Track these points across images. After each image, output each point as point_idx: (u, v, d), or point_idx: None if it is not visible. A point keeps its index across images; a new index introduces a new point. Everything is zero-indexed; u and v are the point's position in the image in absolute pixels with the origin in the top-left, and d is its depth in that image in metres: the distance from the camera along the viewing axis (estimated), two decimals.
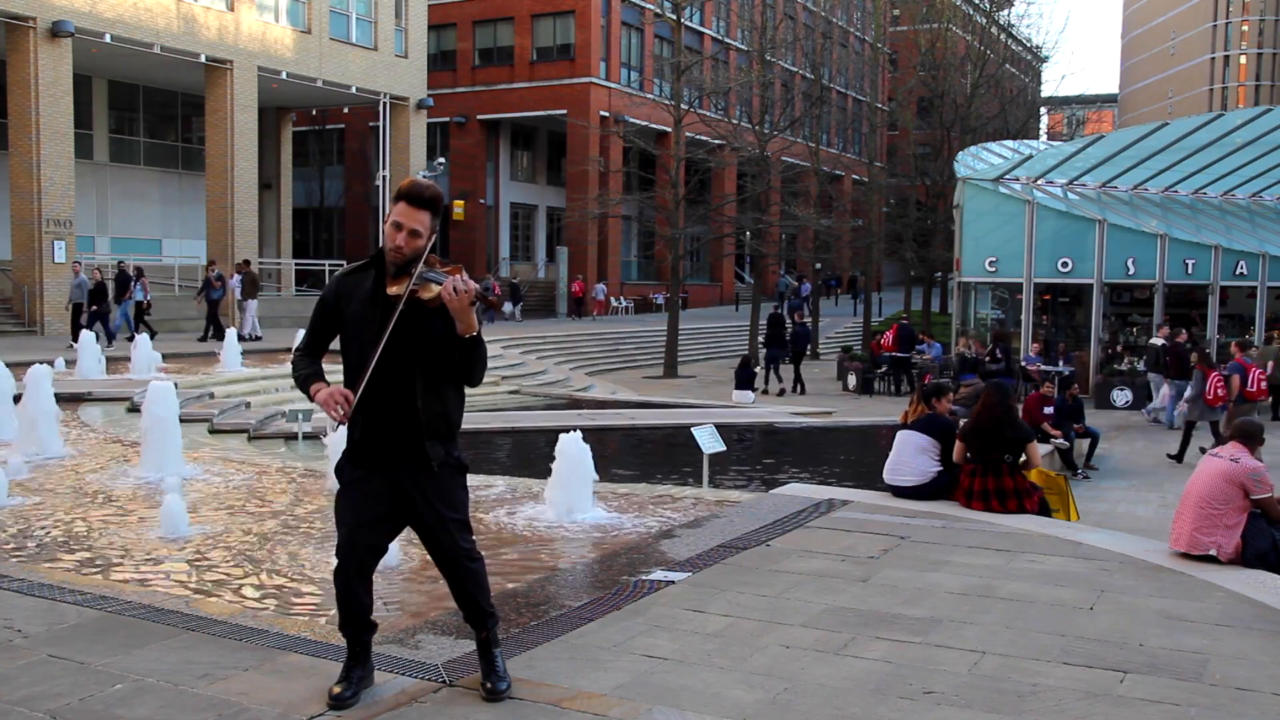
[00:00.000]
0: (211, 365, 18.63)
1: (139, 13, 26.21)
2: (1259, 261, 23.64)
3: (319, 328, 4.09)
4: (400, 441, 3.95)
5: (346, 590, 4.03)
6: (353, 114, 43.42)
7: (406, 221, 3.87)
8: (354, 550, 4.01)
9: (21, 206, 24.55)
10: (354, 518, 4.01)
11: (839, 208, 43.79)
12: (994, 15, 46.81)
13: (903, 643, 4.94)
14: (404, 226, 3.87)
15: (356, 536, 4.01)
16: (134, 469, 9.63)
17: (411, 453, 3.96)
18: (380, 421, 3.95)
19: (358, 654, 4.13)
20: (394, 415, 3.94)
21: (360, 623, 4.10)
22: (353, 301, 3.97)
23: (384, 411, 3.94)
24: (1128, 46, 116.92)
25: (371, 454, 3.99)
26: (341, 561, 4.04)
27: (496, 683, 4.10)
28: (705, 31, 46.78)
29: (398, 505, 4.02)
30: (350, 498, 4.03)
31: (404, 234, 3.86)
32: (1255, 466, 6.63)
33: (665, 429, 16.07)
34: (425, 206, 3.89)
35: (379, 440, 3.97)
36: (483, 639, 4.16)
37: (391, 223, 3.90)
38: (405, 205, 3.88)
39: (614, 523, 7.90)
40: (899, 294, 47.66)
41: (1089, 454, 14.78)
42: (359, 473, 4.02)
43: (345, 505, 4.05)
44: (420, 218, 3.88)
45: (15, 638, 4.72)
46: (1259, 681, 4.52)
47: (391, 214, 3.91)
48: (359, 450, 4.02)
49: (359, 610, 4.07)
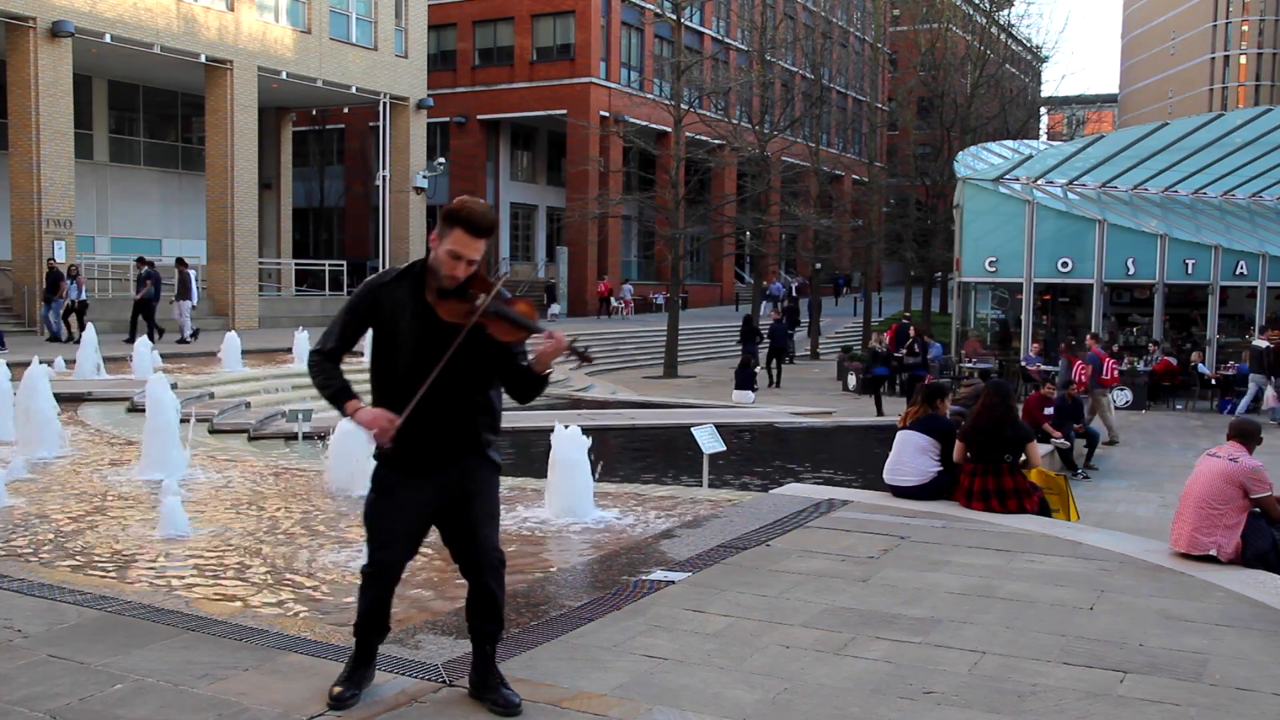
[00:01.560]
0: (211, 365, 18.63)
1: (139, 13, 26.21)
2: (1259, 261, 23.64)
3: (350, 333, 3.93)
4: (451, 448, 3.89)
5: (380, 597, 3.98)
6: (353, 114, 43.40)
7: (466, 253, 3.70)
8: (393, 558, 3.95)
9: (21, 206, 24.54)
10: (395, 526, 3.91)
11: (839, 208, 43.82)
12: (994, 15, 46.82)
13: (903, 643, 4.94)
14: (463, 258, 3.70)
15: (397, 545, 3.93)
16: (134, 469, 9.63)
17: (461, 450, 3.90)
18: (429, 434, 3.84)
19: (365, 656, 4.10)
20: (445, 428, 3.86)
21: (380, 627, 4.06)
22: (398, 316, 3.81)
23: (434, 425, 3.83)
24: (1128, 46, 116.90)
25: (421, 458, 3.88)
26: (378, 569, 3.95)
27: (511, 695, 4.01)
28: (705, 31, 46.77)
29: (436, 509, 3.93)
30: (392, 505, 3.91)
31: (462, 265, 3.71)
32: (1254, 466, 6.63)
33: (665, 429, 16.07)
34: (484, 235, 3.73)
35: (427, 450, 3.87)
36: (489, 652, 4.05)
37: (448, 251, 3.70)
38: (464, 234, 3.69)
39: (614, 523, 7.90)
40: (899, 294, 47.65)
41: (1089, 454, 14.78)
42: (400, 478, 3.90)
43: (386, 513, 3.92)
44: (479, 247, 3.72)
45: (15, 638, 4.72)
46: (1259, 681, 4.52)
47: (446, 241, 3.71)
48: (404, 456, 3.88)
49: (383, 616, 4.03)
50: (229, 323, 28.09)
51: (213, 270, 29.25)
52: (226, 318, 28.52)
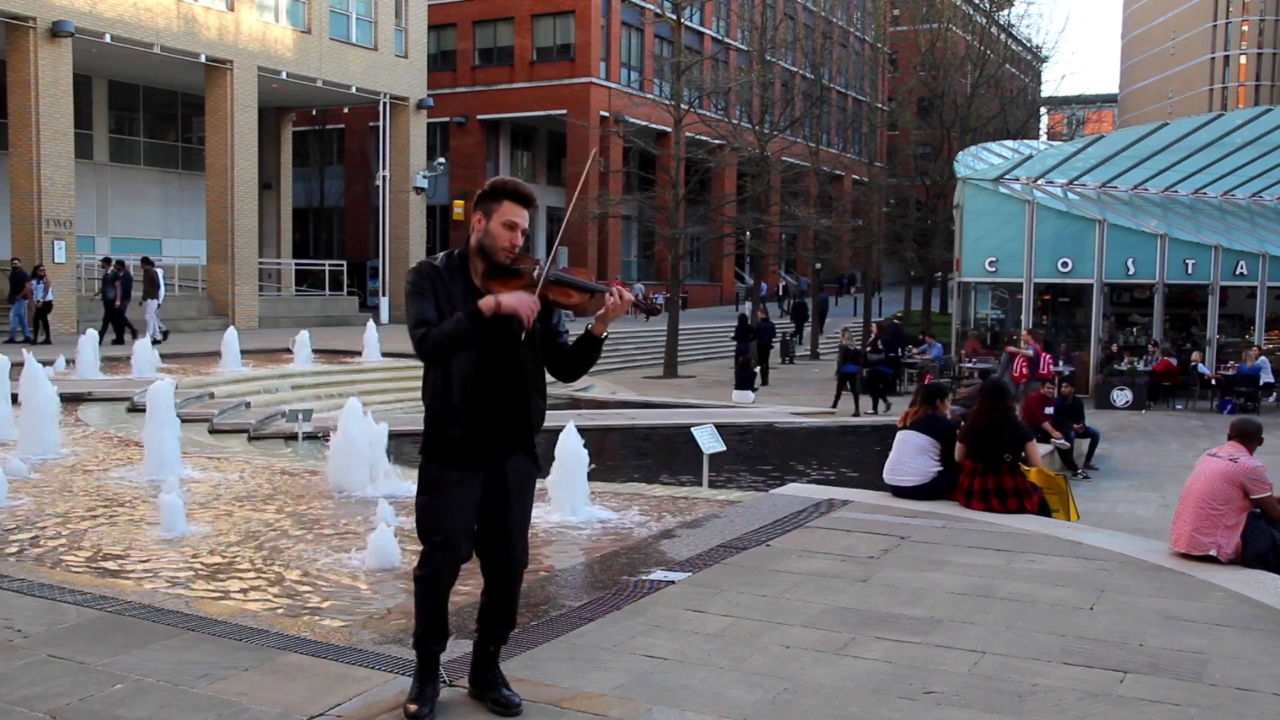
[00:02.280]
0: (211, 365, 18.63)
1: (139, 13, 26.20)
2: (1259, 261, 23.65)
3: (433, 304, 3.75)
4: (507, 438, 3.88)
5: (440, 602, 3.91)
6: (353, 114, 43.40)
7: (521, 221, 3.82)
8: (454, 560, 3.87)
9: (21, 206, 24.54)
10: (455, 525, 3.84)
11: (839, 208, 43.79)
12: (994, 15, 46.81)
13: (903, 643, 4.94)
14: (518, 226, 3.81)
15: (458, 545, 3.86)
16: (134, 469, 9.63)
17: (515, 448, 3.91)
18: (490, 420, 3.83)
19: (431, 668, 4.00)
20: (505, 412, 3.86)
21: (444, 632, 3.98)
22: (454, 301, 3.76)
23: (496, 409, 3.84)
24: (1128, 46, 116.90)
25: (477, 453, 3.84)
26: (436, 572, 3.87)
27: (512, 695, 4.01)
28: (705, 31, 46.76)
29: (491, 504, 3.89)
30: (450, 503, 3.83)
31: (518, 234, 3.81)
32: (1254, 466, 6.63)
33: (665, 429, 16.07)
34: (530, 205, 3.86)
35: (486, 438, 3.84)
36: (493, 653, 4.05)
37: (504, 222, 3.78)
38: (513, 204, 3.81)
39: (614, 523, 7.90)
40: (899, 294, 47.65)
41: (1089, 454, 14.78)
42: (459, 475, 3.83)
43: (444, 512, 3.84)
44: (527, 216, 3.85)
45: (15, 638, 4.72)
46: (1259, 681, 4.52)
47: (498, 213, 3.79)
48: (462, 451, 3.83)
49: (445, 620, 3.97)
50: (229, 323, 28.08)
51: (213, 270, 29.25)
52: (226, 318, 28.50)
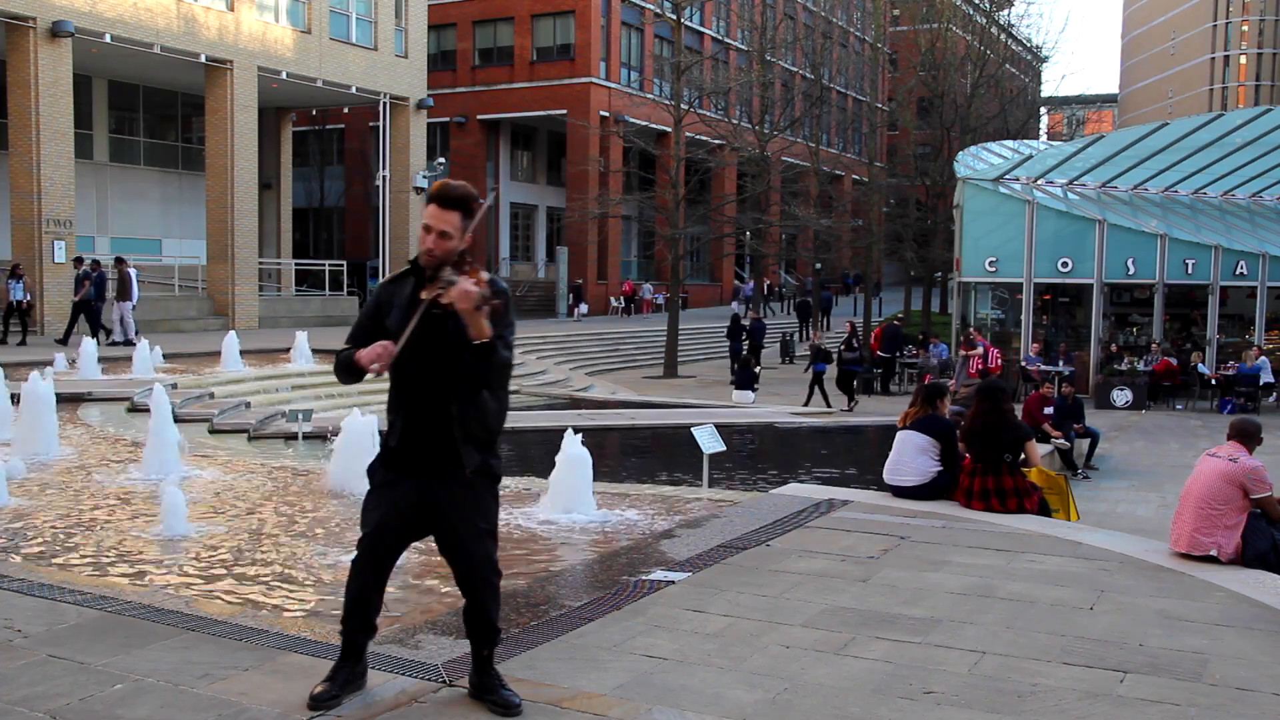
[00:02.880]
0: (212, 365, 18.63)
1: (139, 13, 26.20)
2: (1259, 261, 23.65)
3: (362, 333, 4.03)
4: (436, 448, 3.91)
5: (361, 590, 4.02)
6: (353, 114, 43.39)
7: (435, 223, 3.83)
8: (376, 552, 4.01)
9: (21, 206, 24.53)
10: (381, 519, 3.98)
11: (839, 208, 43.82)
12: (994, 15, 46.83)
13: (903, 643, 4.94)
14: (433, 229, 3.83)
15: (380, 539, 3.99)
16: (134, 469, 9.63)
17: (446, 459, 3.92)
18: (418, 427, 3.92)
19: (349, 654, 4.11)
20: (432, 421, 3.90)
21: (363, 623, 4.07)
22: (393, 310, 3.93)
23: (423, 417, 3.91)
24: (1128, 46, 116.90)
25: (406, 459, 3.96)
26: (361, 561, 4.02)
27: (510, 695, 4.04)
28: (705, 31, 46.76)
29: (425, 513, 3.97)
30: (380, 500, 4.01)
31: (433, 236, 3.82)
32: (1254, 466, 6.63)
33: (665, 429, 16.07)
34: (454, 207, 3.83)
35: (415, 446, 3.94)
36: (486, 656, 4.08)
37: (422, 225, 3.89)
38: (435, 208, 3.84)
39: (614, 523, 7.90)
40: (899, 294, 47.66)
41: (1089, 454, 14.78)
42: (391, 476, 3.99)
43: (374, 506, 4.02)
44: (449, 219, 3.82)
45: (15, 638, 4.72)
46: (1259, 681, 4.52)
47: (424, 216, 3.90)
48: (394, 455, 3.98)
49: (367, 611, 4.05)
50: (229, 323, 28.09)
51: (213, 270, 29.24)
52: (226, 317, 28.51)
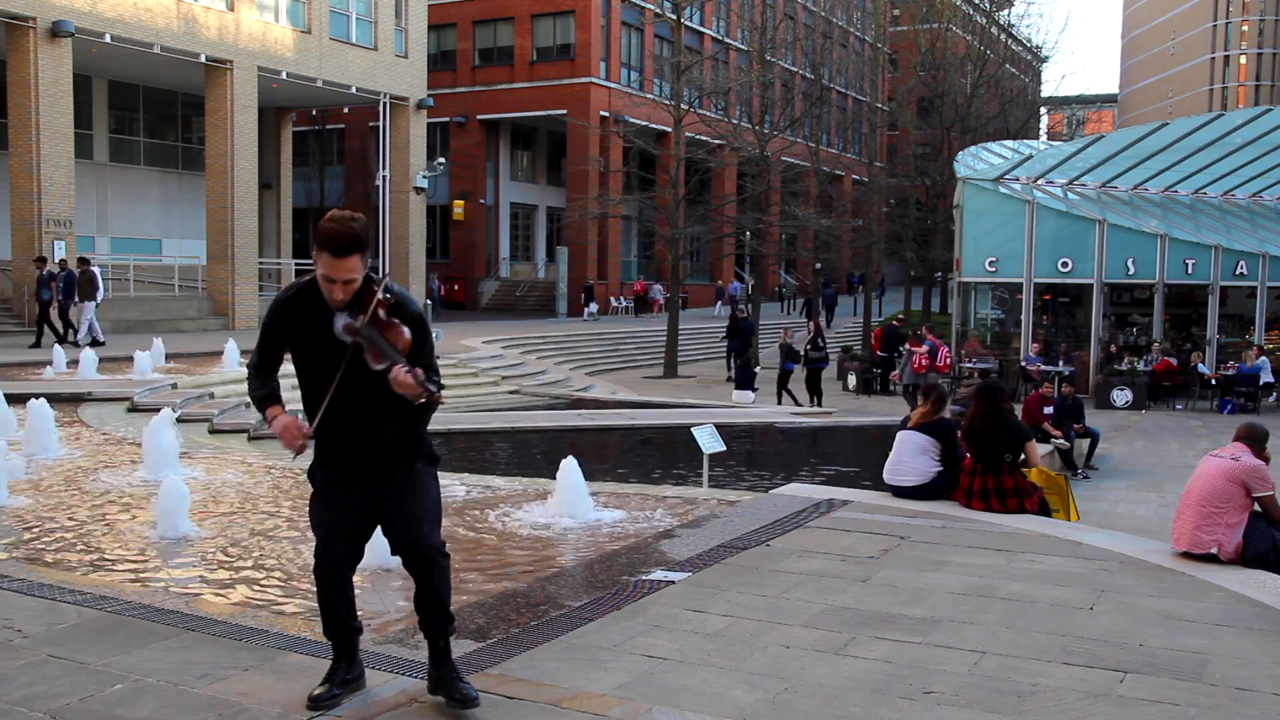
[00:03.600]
0: (212, 365, 18.63)
1: (139, 13, 26.20)
2: (1259, 261, 23.65)
3: (267, 348, 4.00)
4: (367, 454, 3.93)
5: (325, 595, 4.02)
6: (353, 114, 43.39)
7: (336, 275, 3.70)
8: (330, 555, 3.99)
9: (21, 206, 24.54)
10: (329, 522, 3.98)
11: (839, 208, 43.78)
12: (994, 15, 46.83)
13: (903, 643, 4.94)
14: (336, 280, 3.71)
15: (332, 541, 3.98)
16: (134, 469, 9.63)
17: (381, 456, 3.93)
18: (346, 438, 3.92)
19: (341, 655, 4.10)
20: (359, 436, 3.91)
21: (341, 625, 4.06)
22: (302, 331, 3.87)
23: (349, 432, 3.91)
24: (1128, 46, 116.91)
25: (340, 458, 3.96)
26: (319, 566, 4.01)
27: (467, 689, 3.97)
28: (705, 31, 46.77)
29: (370, 505, 3.96)
30: (324, 502, 4.00)
31: (338, 286, 3.72)
32: (1256, 465, 6.63)
33: (665, 429, 16.06)
34: (349, 253, 3.68)
35: (344, 452, 3.95)
36: (441, 647, 4.01)
37: (322, 277, 3.73)
38: (329, 258, 3.67)
39: (614, 523, 7.89)
40: (899, 294, 47.66)
41: (1089, 454, 14.78)
42: (330, 475, 3.99)
43: (320, 510, 4.02)
44: (349, 265, 3.69)
45: (15, 638, 4.72)
46: (1259, 681, 4.52)
47: (319, 265, 3.72)
48: (327, 454, 3.99)
49: (338, 614, 4.04)
50: (229, 323, 28.10)
51: (213, 270, 29.25)
52: (226, 317, 28.52)
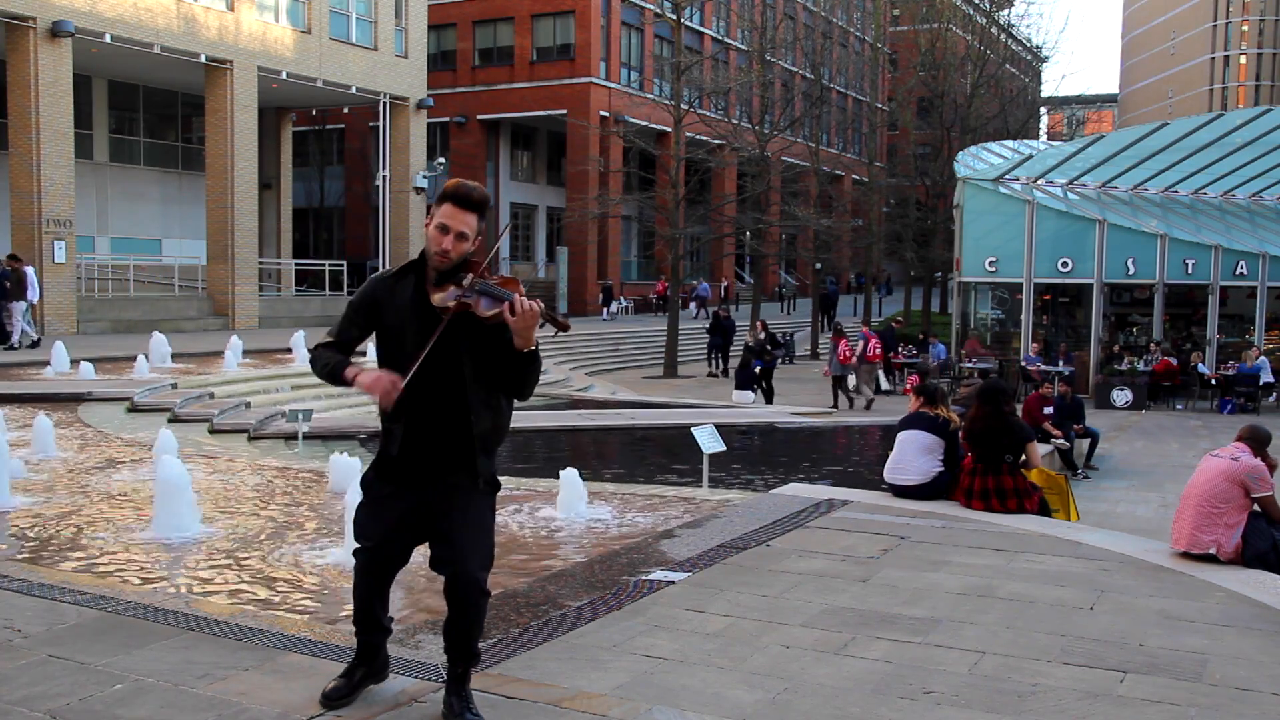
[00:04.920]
0: (212, 365, 18.63)
1: (139, 13, 26.20)
2: (1259, 261, 23.64)
3: (348, 329, 3.84)
4: (447, 456, 3.75)
5: (365, 601, 3.96)
6: (353, 114, 43.37)
7: (453, 224, 3.63)
8: (377, 567, 3.92)
9: (21, 206, 24.54)
10: (381, 535, 3.85)
11: (839, 208, 43.80)
12: (994, 15, 46.82)
13: (903, 643, 4.94)
14: (451, 230, 3.63)
15: (382, 553, 3.89)
16: (134, 469, 9.63)
17: (455, 468, 3.75)
18: (428, 435, 3.74)
19: (364, 653, 4.07)
20: (444, 429, 3.73)
21: (375, 626, 4.02)
22: (392, 310, 3.73)
23: (433, 425, 3.73)
24: (1128, 46, 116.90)
25: (410, 470, 3.78)
26: (363, 576, 3.92)
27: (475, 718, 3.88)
28: (705, 31, 46.76)
29: (425, 522, 3.82)
30: (377, 513, 3.86)
31: (451, 237, 3.63)
32: (1255, 465, 6.63)
33: (665, 429, 16.06)
34: (473, 209, 3.65)
35: (423, 455, 3.76)
36: (459, 673, 3.91)
37: (437, 225, 3.65)
38: (452, 207, 3.64)
39: (614, 523, 7.90)
40: (899, 294, 47.66)
41: (1089, 454, 14.78)
42: (389, 489, 3.82)
43: (371, 520, 3.88)
44: (468, 220, 3.64)
45: (15, 638, 4.72)
46: (1259, 681, 4.52)
47: (436, 216, 3.66)
48: (396, 465, 3.79)
49: (376, 616, 4.00)
50: (229, 323, 28.10)
51: (213, 270, 29.25)
52: (226, 317, 28.52)
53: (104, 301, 27.38)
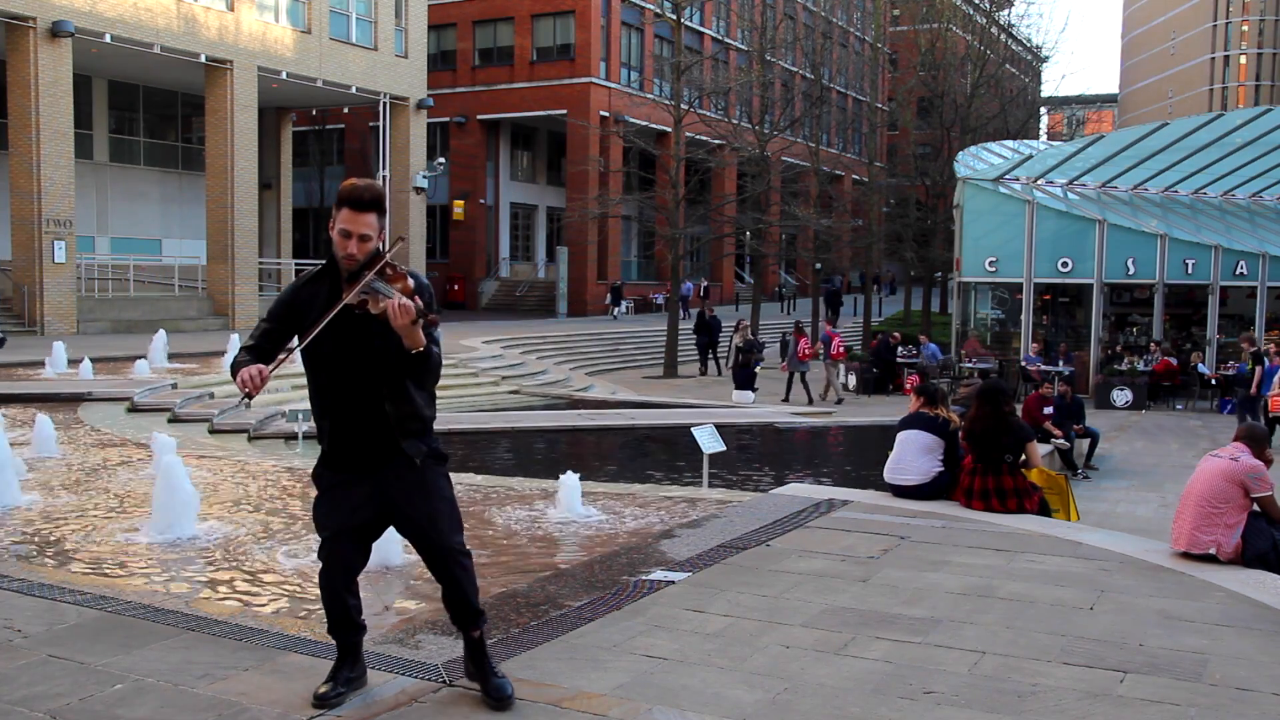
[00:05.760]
0: (212, 365, 18.63)
1: (139, 13, 26.21)
2: (1259, 261, 23.64)
3: (269, 333, 3.94)
4: (375, 444, 3.88)
5: (333, 596, 4.01)
6: (353, 114, 43.39)
7: (354, 228, 3.77)
8: (338, 557, 3.98)
9: (21, 206, 24.55)
10: (337, 523, 3.96)
11: (839, 208, 43.79)
12: (994, 15, 46.79)
13: (903, 643, 4.94)
14: (352, 233, 3.77)
15: (340, 543, 3.97)
16: (134, 469, 9.63)
17: (389, 453, 3.88)
18: (352, 426, 3.88)
19: (346, 654, 4.10)
20: (364, 419, 3.86)
21: (349, 625, 4.06)
22: (311, 312, 3.85)
23: (354, 416, 3.87)
24: (1128, 46, 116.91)
25: (348, 458, 3.93)
26: (327, 568, 4.00)
27: (503, 684, 4.03)
28: (705, 31, 46.77)
29: (381, 508, 3.95)
30: (331, 503, 3.98)
31: (354, 241, 3.77)
32: (1255, 465, 6.63)
33: (665, 429, 16.07)
34: (369, 209, 3.79)
35: (353, 445, 3.90)
36: (475, 638, 4.06)
37: (338, 231, 3.79)
38: (349, 211, 3.77)
39: (614, 523, 7.90)
40: (899, 294, 47.67)
41: (1089, 454, 14.77)
42: (339, 477, 3.96)
43: (326, 511, 3.99)
44: (367, 220, 3.78)
45: (15, 638, 4.72)
46: (1259, 681, 4.52)
47: (336, 221, 3.81)
48: (334, 455, 3.96)
49: (346, 614, 4.04)
50: (229, 323, 28.11)
51: (213, 270, 29.27)
52: (226, 317, 28.53)
53: (104, 301, 27.40)
